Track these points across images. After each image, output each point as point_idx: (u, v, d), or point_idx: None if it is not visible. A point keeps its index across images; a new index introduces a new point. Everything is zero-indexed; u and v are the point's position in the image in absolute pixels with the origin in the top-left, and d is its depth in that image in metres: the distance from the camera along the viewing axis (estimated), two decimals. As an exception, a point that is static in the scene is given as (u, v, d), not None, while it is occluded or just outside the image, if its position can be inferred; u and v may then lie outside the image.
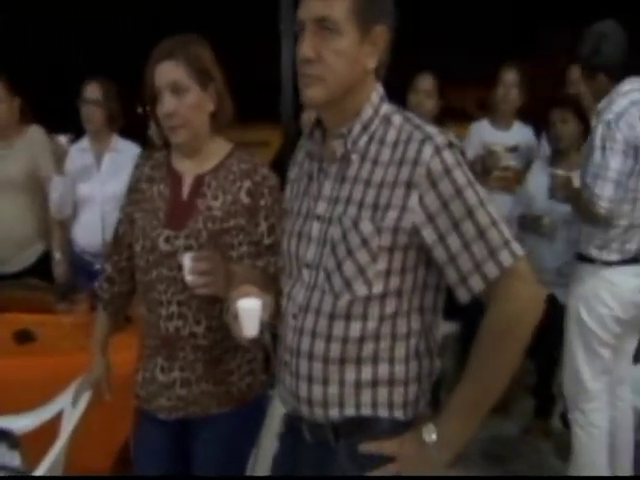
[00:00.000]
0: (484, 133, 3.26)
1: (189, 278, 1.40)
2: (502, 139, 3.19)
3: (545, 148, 3.12)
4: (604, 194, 2.13)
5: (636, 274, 2.27)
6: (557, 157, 2.90)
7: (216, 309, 1.52)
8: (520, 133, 3.25)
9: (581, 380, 2.30)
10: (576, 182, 2.33)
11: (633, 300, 2.26)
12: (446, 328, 2.97)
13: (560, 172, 2.46)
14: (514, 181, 3.16)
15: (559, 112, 2.84)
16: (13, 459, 1.81)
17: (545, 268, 2.84)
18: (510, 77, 3.17)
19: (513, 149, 3.19)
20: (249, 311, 1.23)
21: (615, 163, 2.14)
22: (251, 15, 4.05)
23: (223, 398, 1.56)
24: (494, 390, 1.14)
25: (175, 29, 1.59)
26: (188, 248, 1.49)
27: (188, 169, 1.58)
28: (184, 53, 1.48)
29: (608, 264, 2.25)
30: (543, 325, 1.18)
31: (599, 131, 2.18)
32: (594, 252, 2.26)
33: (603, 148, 2.15)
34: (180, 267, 1.44)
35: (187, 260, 1.40)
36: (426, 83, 2.98)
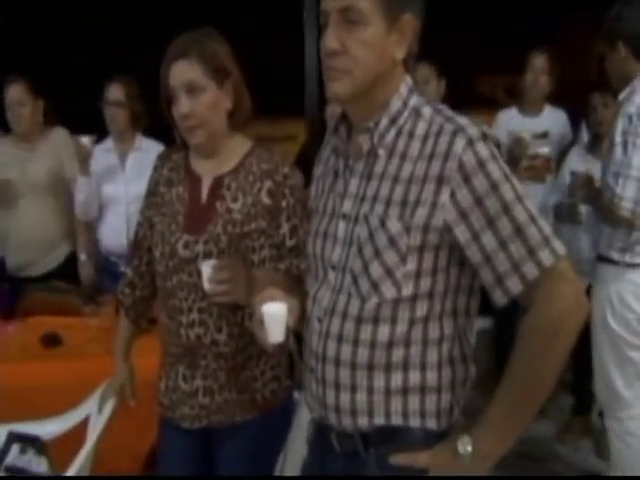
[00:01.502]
0: (512, 121, 3.15)
1: (208, 287, 1.36)
2: (530, 126, 3.08)
3: (584, 134, 3.00)
4: (626, 194, 1.99)
5: None
6: (596, 143, 2.79)
7: (237, 316, 1.47)
8: (551, 118, 3.14)
9: (614, 388, 2.19)
10: (597, 181, 2.20)
11: None
12: (478, 324, 2.89)
13: (581, 171, 2.34)
14: (544, 169, 3.05)
15: (600, 96, 2.73)
16: (40, 465, 1.80)
17: (583, 258, 2.73)
18: (539, 63, 3.08)
19: (543, 135, 3.08)
20: (275, 316, 1.18)
21: (638, 160, 1.99)
22: (274, 6, 4.00)
23: (247, 406, 1.52)
24: (538, 398, 1.07)
25: (192, 24, 1.54)
26: (208, 253, 1.44)
27: (207, 170, 1.53)
28: (198, 50, 1.43)
29: (632, 266, 2.11)
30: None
31: (620, 125, 2.02)
32: (616, 255, 2.13)
33: (625, 144, 2.00)
34: (200, 273, 1.39)
35: (206, 268, 1.36)
36: (425, 71, 2.98)
